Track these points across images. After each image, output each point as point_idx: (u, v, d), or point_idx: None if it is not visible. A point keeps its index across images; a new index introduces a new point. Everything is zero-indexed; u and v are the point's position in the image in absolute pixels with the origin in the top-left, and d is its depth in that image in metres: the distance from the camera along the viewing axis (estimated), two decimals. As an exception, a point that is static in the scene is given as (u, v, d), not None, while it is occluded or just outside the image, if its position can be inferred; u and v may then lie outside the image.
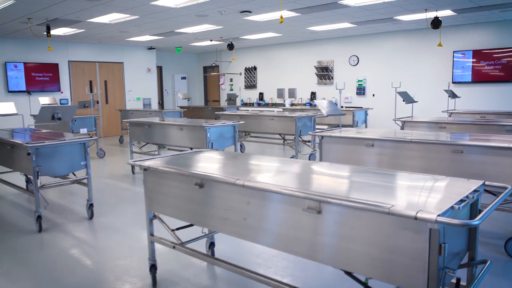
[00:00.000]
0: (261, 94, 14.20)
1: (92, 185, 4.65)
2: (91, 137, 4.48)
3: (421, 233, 1.60)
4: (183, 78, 15.95)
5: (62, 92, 11.89)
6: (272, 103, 13.82)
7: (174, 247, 2.73)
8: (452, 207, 1.64)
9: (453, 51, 9.89)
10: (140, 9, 7.54)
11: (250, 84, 14.55)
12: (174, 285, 2.99)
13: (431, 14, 8.16)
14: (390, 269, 1.71)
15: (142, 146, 7.37)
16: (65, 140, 4.29)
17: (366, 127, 9.93)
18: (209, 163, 2.85)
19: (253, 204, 2.16)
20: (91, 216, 4.61)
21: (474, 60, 9.68)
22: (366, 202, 1.72)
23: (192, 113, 12.23)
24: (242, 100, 14.63)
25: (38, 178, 4.11)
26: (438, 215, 1.52)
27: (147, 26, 9.50)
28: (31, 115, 10.16)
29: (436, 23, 7.91)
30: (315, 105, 12.50)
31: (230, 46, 11.29)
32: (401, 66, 10.81)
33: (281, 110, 10.71)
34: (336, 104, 5.34)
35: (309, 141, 8.02)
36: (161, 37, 11.30)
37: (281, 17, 5.24)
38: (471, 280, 2.01)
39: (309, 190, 1.96)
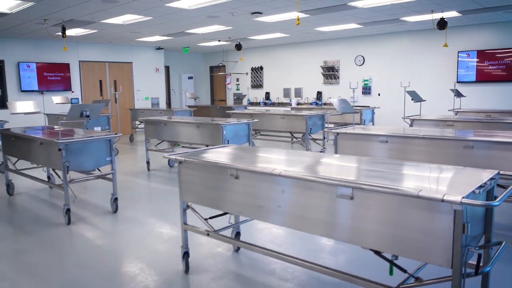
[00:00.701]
0: (267, 94, 14.41)
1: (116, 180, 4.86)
2: (116, 133, 4.69)
3: (447, 214, 1.81)
4: (190, 78, 16.17)
5: (73, 92, 12.11)
6: (279, 103, 14.03)
7: (208, 234, 2.94)
8: (473, 192, 1.85)
9: (458, 51, 10.08)
10: (154, 10, 7.75)
11: (257, 84, 14.77)
12: (204, 272, 3.20)
13: (437, 15, 8.36)
14: (418, 247, 1.92)
15: (158, 144, 7.58)
16: (92, 136, 4.50)
17: (373, 125, 10.12)
18: (237, 157, 3.06)
19: (288, 192, 2.37)
20: (115, 210, 4.82)
21: (478, 60, 9.88)
22: (396, 187, 1.93)
23: (200, 112, 12.43)
24: (248, 100, 14.83)
25: (67, 173, 4.33)
26: (463, 197, 1.72)
27: (158, 27, 9.72)
28: (44, 114, 10.40)
29: (442, 24, 8.10)
30: (321, 104, 12.72)
31: (238, 47, 11.50)
32: (406, 66, 11.01)
33: (289, 109, 10.91)
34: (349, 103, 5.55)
35: (319, 139, 8.22)
36: (170, 38, 11.51)
37: (298, 19, 5.44)
38: (487, 260, 2.21)
39: (341, 178, 2.17)
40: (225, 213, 3.03)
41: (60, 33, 9.66)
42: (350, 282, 2.23)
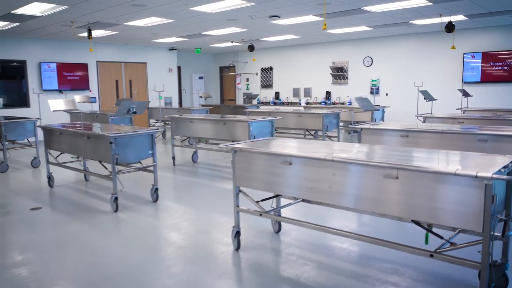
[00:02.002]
0: (277, 93, 14.85)
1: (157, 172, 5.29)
2: (157, 129, 5.12)
3: (479, 188, 2.24)
4: (201, 78, 16.60)
5: (91, 91, 12.53)
6: (288, 102, 14.47)
7: (260, 215, 3.37)
8: (499, 170, 2.29)
9: (463, 53, 10.53)
10: (178, 13, 8.17)
11: (266, 84, 15.20)
12: (253, 249, 3.63)
13: (445, 19, 8.79)
14: (454, 216, 2.35)
15: (183, 141, 8.01)
16: (137, 131, 4.93)
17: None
18: (285, 146, 3.48)
19: (338, 175, 2.81)
20: (156, 199, 5.25)
21: (483, 61, 10.32)
22: (437, 168, 2.37)
23: (215, 111, 12.84)
24: (258, 99, 15.25)
25: (116, 164, 4.76)
26: (493, 174, 2.16)
27: (177, 29, 10.14)
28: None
29: (450, 27, 8.55)
30: (330, 104, 13.16)
31: (251, 48, 11.94)
32: (413, 67, 11.45)
33: (301, 108, 11.35)
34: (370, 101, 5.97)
35: (333, 136, 8.64)
36: (185, 39, 11.93)
37: (325, 24, 5.86)
38: (507, 231, 2.65)
39: (388, 161, 2.60)
40: (276, 196, 3.45)
41: (82, 34, 10.13)
42: (394, 249, 2.66)
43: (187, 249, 3.69)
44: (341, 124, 9.01)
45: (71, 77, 12.10)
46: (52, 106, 6.19)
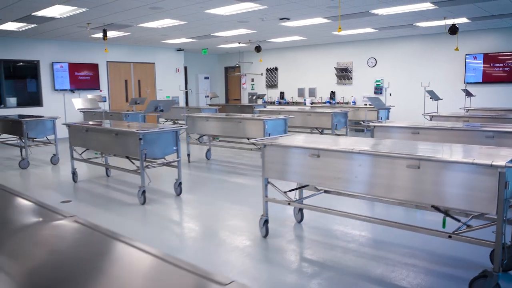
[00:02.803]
0: (282, 93, 15.16)
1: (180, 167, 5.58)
2: (181, 126, 5.41)
3: (493, 175, 2.54)
4: (206, 78, 16.89)
5: (101, 91, 12.80)
6: (293, 102, 14.78)
7: (289, 203, 3.68)
8: (511, 160, 2.59)
9: (466, 54, 10.85)
10: (193, 16, 8.46)
11: (271, 84, 15.51)
12: (280, 236, 3.94)
13: (449, 21, 9.11)
14: (471, 201, 2.66)
15: (198, 138, 8.30)
16: (164, 128, 5.23)
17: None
18: (308, 141, 3.79)
19: (364, 166, 3.11)
20: (179, 193, 5.54)
21: (485, 62, 10.65)
22: (455, 158, 2.67)
23: (221, 110, 13.14)
24: (264, 99, 15.55)
25: (144, 159, 5.05)
26: (507, 162, 2.47)
27: (188, 30, 10.43)
28: (80, 111, 11.08)
29: (453, 29, 8.86)
30: (334, 103, 13.47)
31: (258, 49, 12.23)
32: (417, 68, 11.77)
33: (305, 107, 11.66)
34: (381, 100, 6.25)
35: (342, 134, 8.95)
36: (194, 40, 12.22)
37: (339, 27, 6.16)
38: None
39: (410, 153, 2.90)
40: (300, 187, 3.76)
41: (95, 35, 10.41)
42: (417, 232, 2.97)
43: (214, 236, 3.99)
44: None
45: (82, 77, 12.37)
46: (76, 105, 6.47)
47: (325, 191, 4.04)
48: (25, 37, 10.90)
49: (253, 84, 16.19)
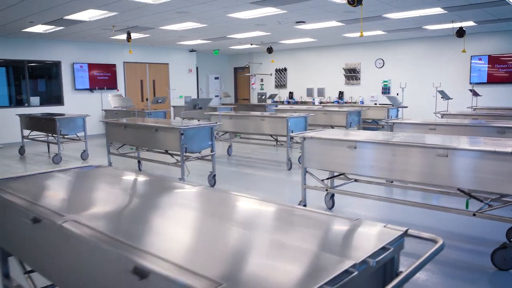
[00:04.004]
0: (291, 93, 15.63)
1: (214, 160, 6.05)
2: (216, 123, 5.88)
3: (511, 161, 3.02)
4: (216, 78, 17.36)
5: (118, 90, 13.25)
6: (302, 101, 15.25)
7: (326, 190, 4.15)
8: (527, 149, 3.07)
9: (471, 56, 11.35)
10: (215, 19, 8.93)
11: (280, 84, 15.99)
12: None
13: (456, 25, 9.59)
14: (493, 184, 3.13)
15: (222, 135, 8.79)
16: (201, 124, 5.69)
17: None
18: (341, 134, 4.26)
19: (397, 155, 3.58)
20: (213, 184, 6.01)
21: (489, 63, 11.15)
22: (480, 147, 3.15)
23: (238, 109, 13.61)
24: (273, 99, 16.03)
25: (185, 153, 5.52)
26: (524, 150, 2.95)
27: (206, 32, 10.89)
28: (102, 109, 11.58)
29: (461, 32, 9.35)
30: (343, 103, 13.95)
31: (270, 50, 12.71)
32: (423, 68, 12.26)
33: (321, 106, 12.13)
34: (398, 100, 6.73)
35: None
36: (209, 41, 12.69)
37: (361, 33, 6.63)
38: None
39: (439, 143, 3.38)
40: (339, 175, 4.23)
41: (116, 37, 10.88)
42: (445, 211, 3.44)
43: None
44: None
45: (101, 77, 12.83)
46: (112, 103, 6.93)
47: (355, 180, 4.52)
48: (48, 38, 11.35)
49: (262, 84, 16.66)
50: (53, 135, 8.43)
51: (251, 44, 13.68)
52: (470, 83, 11.38)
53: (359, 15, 8.55)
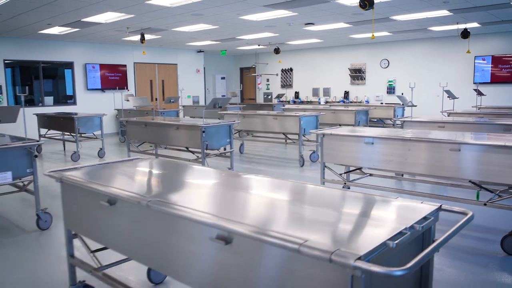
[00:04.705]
0: (296, 93, 15.92)
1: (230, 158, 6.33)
2: (234, 121, 6.16)
3: (521, 155, 3.30)
4: (223, 78, 17.65)
5: (128, 90, 13.54)
6: (307, 101, 15.54)
7: (345, 183, 4.43)
8: (534, 143, 3.35)
9: (475, 56, 11.62)
10: (227, 21, 9.20)
11: (286, 84, 16.28)
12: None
13: (461, 26, 9.87)
14: (503, 175, 3.41)
15: (236, 133, 9.08)
16: (220, 122, 5.97)
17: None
18: (357, 131, 4.54)
19: (413, 150, 3.86)
20: (231, 179, 6.29)
21: (492, 63, 11.42)
22: (490, 141, 3.43)
23: (247, 108, 13.88)
24: (279, 99, 16.31)
25: (206, 149, 5.80)
26: (532, 144, 3.22)
27: (216, 34, 11.17)
28: (115, 109, 11.87)
29: (465, 34, 9.63)
30: (348, 102, 14.23)
31: (277, 51, 12.99)
32: (427, 69, 12.54)
33: (328, 106, 12.42)
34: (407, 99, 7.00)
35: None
36: (218, 42, 12.97)
37: (373, 35, 6.91)
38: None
39: (451, 139, 3.66)
40: (357, 169, 4.51)
41: (128, 38, 11.16)
42: (456, 201, 3.72)
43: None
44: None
45: (112, 77, 13.11)
46: (132, 103, 7.22)
47: (370, 174, 4.79)
48: (62, 40, 11.63)
49: (268, 84, 16.95)
50: (71, 133, 8.71)
51: (259, 45, 13.96)
52: (474, 83, 11.65)
53: (367, 17, 8.85)
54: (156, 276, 2.89)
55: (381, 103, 12.96)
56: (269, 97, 16.46)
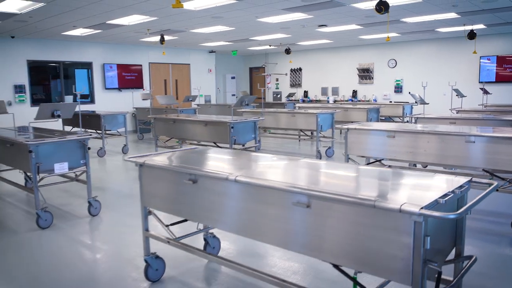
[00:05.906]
0: (305, 92, 16.36)
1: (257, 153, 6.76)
2: (258, 118, 6.60)
3: (530, 145, 3.73)
4: (233, 77, 18.10)
5: (144, 89, 13.99)
6: (316, 100, 15.98)
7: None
8: (541, 135, 3.78)
9: (480, 56, 12.04)
10: (244, 23, 9.64)
11: (295, 83, 16.72)
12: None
13: (468, 27, 10.29)
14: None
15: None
16: (246, 119, 6.41)
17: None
18: (380, 125, 4.97)
19: (432, 142, 4.30)
20: (255, 172, 6.73)
21: (497, 63, 11.84)
22: (503, 134, 3.87)
23: (260, 107, 14.33)
24: (288, 98, 16.74)
25: (234, 145, 6.24)
26: (540, 136, 3.66)
27: (230, 35, 11.60)
28: (133, 107, 12.32)
29: (472, 35, 10.04)
30: (356, 101, 14.66)
31: (287, 51, 13.43)
32: (434, 68, 12.97)
33: (338, 104, 12.86)
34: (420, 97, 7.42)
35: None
36: (230, 43, 13.40)
37: (388, 37, 7.33)
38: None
39: (466, 131, 4.10)
40: (378, 160, 4.95)
41: (146, 39, 11.60)
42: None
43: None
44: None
45: (129, 77, 13.57)
46: (160, 101, 7.67)
47: (389, 166, 5.23)
48: (82, 40, 12.08)
49: (277, 84, 17.38)
50: (97, 131, 9.15)
51: (270, 46, 14.39)
52: (479, 82, 12.07)
53: (378, 19, 9.27)
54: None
55: (390, 102, 13.39)
56: (279, 96, 16.94)
